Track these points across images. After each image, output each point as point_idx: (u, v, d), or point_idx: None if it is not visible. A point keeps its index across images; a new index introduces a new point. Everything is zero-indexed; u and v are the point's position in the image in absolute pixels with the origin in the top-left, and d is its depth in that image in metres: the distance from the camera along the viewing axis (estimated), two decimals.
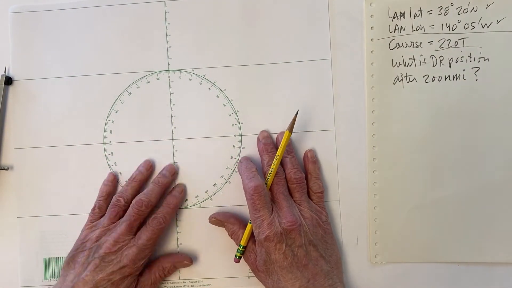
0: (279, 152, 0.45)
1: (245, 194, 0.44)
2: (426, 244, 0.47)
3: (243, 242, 0.45)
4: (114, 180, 0.48)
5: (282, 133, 0.47)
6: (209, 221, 0.47)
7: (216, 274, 0.48)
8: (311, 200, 0.46)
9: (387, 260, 0.47)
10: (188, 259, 0.47)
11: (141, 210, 0.45)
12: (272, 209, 0.44)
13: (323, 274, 0.43)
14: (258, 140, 0.48)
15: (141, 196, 0.46)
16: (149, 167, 0.48)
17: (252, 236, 0.45)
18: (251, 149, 0.48)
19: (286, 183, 0.45)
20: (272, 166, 0.45)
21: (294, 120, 0.45)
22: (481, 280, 0.47)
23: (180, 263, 0.47)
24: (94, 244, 0.44)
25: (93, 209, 0.47)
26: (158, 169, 0.49)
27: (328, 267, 0.44)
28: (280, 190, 0.45)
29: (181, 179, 0.49)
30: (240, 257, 0.46)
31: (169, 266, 0.47)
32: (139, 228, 0.45)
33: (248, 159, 0.47)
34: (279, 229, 0.42)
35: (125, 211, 0.46)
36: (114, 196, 0.46)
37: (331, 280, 0.43)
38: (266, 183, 0.44)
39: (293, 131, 0.47)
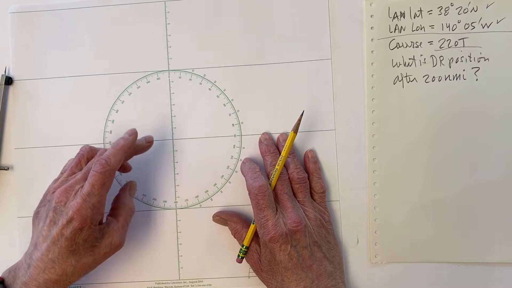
0: (283, 153, 0.45)
1: (249, 194, 0.44)
2: (426, 244, 0.47)
3: (246, 243, 0.45)
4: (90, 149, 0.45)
5: (283, 134, 0.47)
6: (213, 219, 0.47)
7: (216, 274, 0.48)
8: (314, 200, 0.46)
9: (387, 260, 0.47)
10: (132, 182, 0.46)
11: (101, 157, 0.41)
12: (277, 210, 0.43)
13: (327, 274, 0.43)
14: (260, 141, 0.47)
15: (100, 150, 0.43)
16: (132, 132, 0.44)
17: (254, 236, 0.45)
18: (251, 149, 0.48)
19: (290, 183, 0.45)
20: (276, 166, 0.45)
21: (299, 120, 0.45)
22: (481, 280, 0.47)
23: (130, 190, 0.45)
24: (51, 196, 0.42)
25: (64, 167, 0.45)
26: (158, 168, 0.49)
27: (332, 268, 0.44)
28: (285, 190, 0.44)
29: (181, 179, 0.49)
30: (242, 258, 0.46)
31: (129, 203, 0.44)
32: None
33: (251, 160, 0.47)
34: (284, 230, 0.42)
35: (87, 161, 0.43)
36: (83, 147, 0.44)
37: (334, 280, 0.43)
38: (270, 184, 0.44)
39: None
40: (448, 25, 0.47)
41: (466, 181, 0.47)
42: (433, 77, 0.47)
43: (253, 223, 0.45)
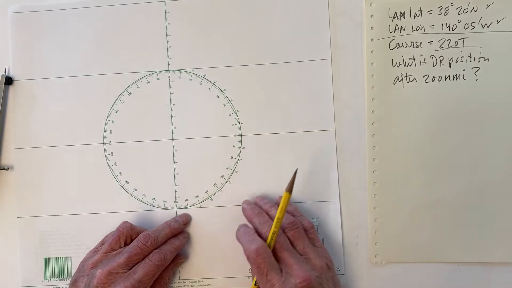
0: (279, 214, 0.42)
1: (248, 259, 0.41)
2: (426, 244, 0.47)
3: None
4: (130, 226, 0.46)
5: (259, 197, 0.47)
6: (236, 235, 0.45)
7: (216, 274, 0.48)
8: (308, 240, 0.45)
9: (387, 260, 0.47)
10: (181, 257, 0.47)
11: (146, 245, 0.43)
12: (281, 270, 0.41)
13: None
14: (243, 209, 0.46)
15: (149, 231, 0.45)
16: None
17: None
18: (251, 149, 0.48)
19: (288, 239, 0.43)
20: (273, 228, 0.42)
21: (293, 180, 0.42)
22: (481, 280, 0.47)
23: (176, 264, 0.47)
24: (90, 271, 0.43)
25: (104, 239, 0.47)
26: (158, 168, 0.49)
27: None
28: (283, 247, 0.42)
29: (181, 179, 0.49)
30: None
31: (167, 275, 0.46)
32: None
33: (245, 225, 0.45)
34: None
35: (127, 239, 0.45)
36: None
37: None
38: (269, 246, 0.42)
39: (293, 131, 0.47)
40: (448, 25, 0.47)
41: (466, 181, 0.47)
42: (433, 77, 0.47)
43: (255, 284, 0.43)
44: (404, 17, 0.47)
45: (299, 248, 0.43)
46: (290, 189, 0.42)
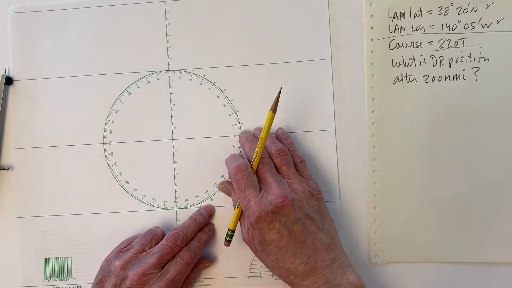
0: (263, 134, 0.43)
1: (229, 178, 0.43)
2: (426, 244, 0.47)
3: (231, 226, 0.45)
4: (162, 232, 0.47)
5: (258, 128, 0.47)
6: (218, 187, 0.47)
7: (216, 274, 0.48)
8: (297, 171, 0.45)
9: (387, 260, 0.47)
10: (208, 260, 0.47)
11: (176, 244, 0.44)
12: (260, 189, 0.42)
13: (324, 247, 0.41)
14: (239, 137, 0.47)
15: (177, 229, 0.45)
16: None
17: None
18: None
19: (273, 163, 0.44)
20: (256, 149, 0.43)
21: (277, 99, 0.43)
22: (481, 280, 0.47)
23: (203, 266, 0.47)
24: (120, 272, 0.43)
25: (129, 239, 0.47)
26: (158, 168, 0.49)
27: (328, 239, 0.42)
28: (266, 168, 0.43)
29: (181, 179, 0.49)
30: (229, 241, 0.45)
31: (194, 276, 0.47)
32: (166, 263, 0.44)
33: (234, 153, 0.47)
34: (269, 207, 0.40)
35: (158, 241, 0.45)
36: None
37: (333, 252, 0.41)
38: (251, 166, 0.43)
39: (293, 131, 0.47)
40: (448, 25, 0.47)
41: (466, 181, 0.47)
42: (433, 77, 0.47)
43: (237, 206, 0.44)
44: (404, 17, 0.47)
45: (283, 173, 0.44)
46: (274, 108, 0.43)
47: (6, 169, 0.49)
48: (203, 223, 0.47)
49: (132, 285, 0.42)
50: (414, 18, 0.47)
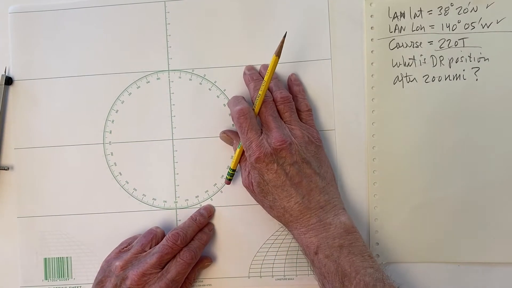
0: (266, 77, 0.44)
1: (233, 120, 0.44)
2: (426, 244, 0.47)
3: (232, 165, 0.46)
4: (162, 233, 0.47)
5: (264, 64, 0.48)
6: (220, 136, 0.48)
7: (216, 274, 0.48)
8: (301, 119, 0.46)
9: (387, 260, 0.47)
10: (208, 259, 0.47)
11: (176, 244, 0.44)
12: (262, 132, 0.44)
13: (318, 190, 0.43)
14: (244, 73, 0.48)
15: (178, 229, 0.45)
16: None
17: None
18: None
19: (275, 106, 0.45)
20: (259, 92, 0.44)
21: (282, 43, 0.44)
22: (481, 280, 0.47)
23: (202, 266, 0.47)
24: (120, 272, 0.43)
25: (128, 239, 0.47)
26: (158, 168, 0.49)
27: (324, 183, 0.43)
28: (269, 112, 0.44)
29: (181, 179, 0.49)
30: (230, 179, 0.47)
31: (193, 276, 0.47)
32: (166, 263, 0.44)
33: (237, 95, 0.47)
34: (268, 149, 0.42)
35: (158, 241, 0.45)
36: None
37: (327, 195, 0.43)
38: (254, 108, 0.44)
39: None
40: (448, 25, 0.47)
41: (466, 181, 0.47)
42: (433, 77, 0.47)
43: (239, 147, 0.45)
44: (404, 17, 0.47)
45: (285, 119, 0.45)
46: (278, 52, 0.44)
47: (6, 169, 0.49)
48: (203, 223, 0.47)
49: (133, 285, 0.42)
50: (414, 18, 0.47)
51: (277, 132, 0.43)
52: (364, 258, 0.41)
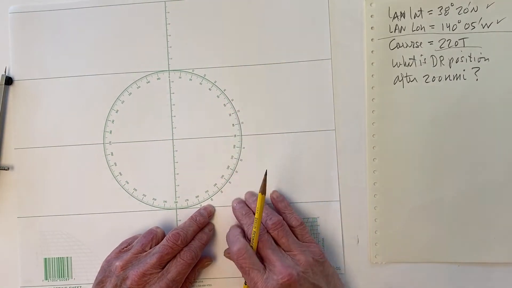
0: (257, 215, 0.43)
1: (233, 261, 0.43)
2: (426, 244, 0.47)
3: None
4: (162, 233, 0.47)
5: (248, 192, 0.47)
6: (224, 255, 0.47)
7: (216, 274, 0.48)
8: (296, 236, 0.45)
9: (387, 260, 0.47)
10: (208, 259, 0.47)
11: (177, 244, 0.44)
12: (264, 267, 0.42)
13: None
14: (233, 209, 0.47)
15: (178, 229, 0.45)
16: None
17: None
18: (251, 149, 0.48)
19: (271, 238, 0.44)
20: (253, 229, 0.43)
21: (264, 181, 0.43)
22: (481, 280, 0.47)
23: (202, 266, 0.47)
24: (121, 272, 0.43)
25: (128, 239, 0.47)
26: (158, 168, 0.49)
27: None
28: (266, 246, 0.43)
29: (181, 179, 0.49)
30: None
31: (194, 276, 0.47)
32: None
33: (234, 227, 0.46)
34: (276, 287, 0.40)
35: (158, 241, 0.45)
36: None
37: None
38: (252, 246, 0.43)
39: (293, 131, 0.47)
40: (448, 25, 0.47)
41: (466, 181, 0.47)
42: (433, 77, 0.47)
43: (245, 284, 0.44)
44: (404, 17, 0.47)
45: (284, 245, 0.44)
46: (263, 190, 0.43)
47: (6, 169, 0.49)
48: (204, 223, 0.47)
49: (133, 285, 0.42)
50: (414, 18, 0.47)
51: (281, 265, 0.41)
52: None
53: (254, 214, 0.45)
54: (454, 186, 0.47)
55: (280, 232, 0.44)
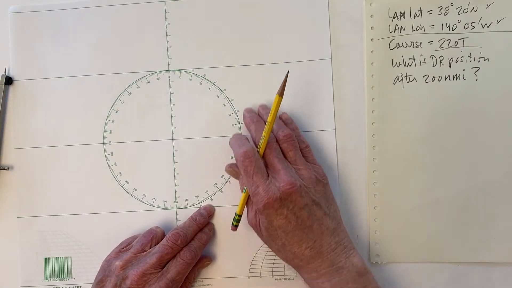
0: (269, 118, 0.43)
1: (236, 163, 0.43)
2: (426, 244, 0.47)
3: (238, 211, 0.45)
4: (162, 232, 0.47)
5: (262, 104, 0.47)
6: (226, 170, 0.47)
7: (216, 274, 0.48)
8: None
9: (387, 260, 0.47)
10: (207, 258, 0.47)
11: (176, 244, 0.44)
12: (268, 175, 0.42)
13: (329, 232, 0.42)
14: (244, 116, 0.47)
15: (178, 229, 0.45)
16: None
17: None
18: None
19: (279, 147, 0.44)
20: (263, 133, 0.43)
21: (284, 82, 0.42)
22: (481, 280, 0.47)
23: (202, 265, 0.47)
24: (121, 272, 0.43)
25: (128, 239, 0.47)
26: (158, 168, 0.49)
27: (334, 224, 0.42)
28: (273, 154, 0.43)
29: (181, 179, 0.49)
30: (236, 226, 0.45)
31: (193, 275, 0.47)
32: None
33: (238, 134, 0.47)
34: (277, 194, 0.40)
35: (158, 241, 0.45)
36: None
37: (338, 237, 0.42)
38: (258, 151, 0.43)
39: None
40: (448, 25, 0.47)
41: (466, 181, 0.47)
42: (433, 77, 0.47)
43: (244, 191, 0.44)
44: (404, 17, 0.47)
45: (290, 159, 0.44)
46: (281, 92, 0.43)
47: (6, 169, 0.49)
48: (203, 223, 0.47)
49: (133, 285, 0.42)
50: (414, 18, 0.47)
51: (285, 174, 0.41)
52: None
53: (264, 123, 0.44)
54: (454, 186, 0.47)
55: (289, 145, 0.44)
